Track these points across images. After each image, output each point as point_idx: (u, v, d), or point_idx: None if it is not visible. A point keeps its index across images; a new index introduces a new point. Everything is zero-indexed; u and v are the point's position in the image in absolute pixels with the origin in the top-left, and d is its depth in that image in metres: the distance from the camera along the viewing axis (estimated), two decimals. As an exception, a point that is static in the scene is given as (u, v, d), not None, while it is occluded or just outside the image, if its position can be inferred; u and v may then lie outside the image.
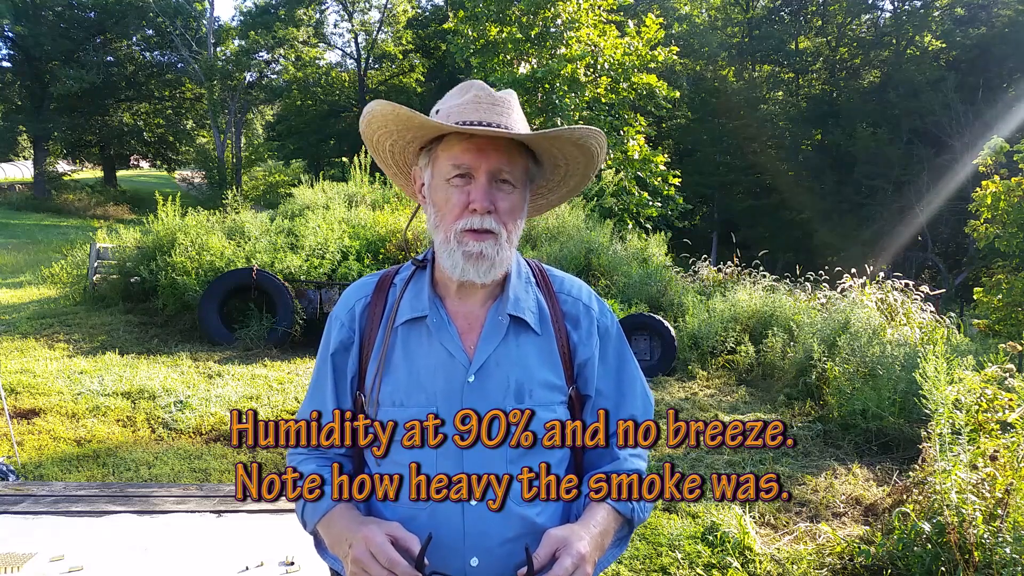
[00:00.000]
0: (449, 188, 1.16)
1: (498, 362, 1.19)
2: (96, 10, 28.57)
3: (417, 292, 1.24)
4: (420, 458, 1.14)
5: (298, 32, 31.54)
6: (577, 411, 1.25)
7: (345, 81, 37.41)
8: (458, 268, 1.16)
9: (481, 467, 1.14)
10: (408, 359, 1.19)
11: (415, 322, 1.21)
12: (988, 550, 2.81)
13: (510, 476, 1.15)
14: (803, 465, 4.64)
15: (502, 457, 1.16)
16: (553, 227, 9.57)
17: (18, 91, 29.50)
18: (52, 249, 14.27)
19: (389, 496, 1.15)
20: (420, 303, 1.22)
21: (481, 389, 1.17)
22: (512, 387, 1.18)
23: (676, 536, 3.55)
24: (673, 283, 8.69)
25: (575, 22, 16.77)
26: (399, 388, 1.18)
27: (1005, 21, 26.31)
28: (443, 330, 1.20)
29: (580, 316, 1.28)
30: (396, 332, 1.21)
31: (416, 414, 1.15)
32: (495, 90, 1.20)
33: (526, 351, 1.21)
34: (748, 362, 6.97)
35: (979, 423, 3.31)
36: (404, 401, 1.17)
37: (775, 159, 29.80)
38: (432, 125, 1.15)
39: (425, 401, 1.17)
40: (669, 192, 16.28)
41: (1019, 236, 8.18)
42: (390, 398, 1.18)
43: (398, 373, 1.19)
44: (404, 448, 1.15)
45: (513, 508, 1.15)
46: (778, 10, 32.77)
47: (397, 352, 1.20)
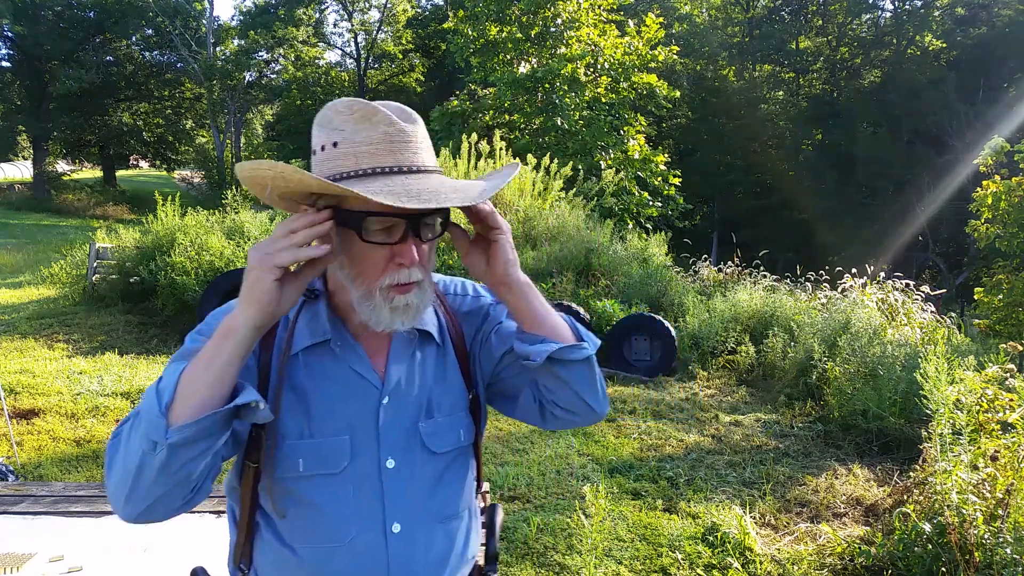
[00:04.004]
0: (362, 242, 1.03)
1: (410, 380, 1.15)
2: (95, 10, 28.55)
3: (313, 316, 1.11)
4: (336, 491, 1.07)
5: (298, 32, 31.53)
6: (478, 416, 1.25)
7: (345, 81, 37.40)
8: (383, 322, 1.06)
9: (402, 490, 1.11)
10: (314, 387, 1.09)
11: (316, 347, 1.10)
12: (989, 550, 2.80)
13: (432, 496, 1.14)
14: (803, 465, 4.64)
15: (424, 476, 1.13)
16: (553, 227, 9.56)
17: (18, 91, 29.49)
18: (52, 249, 14.27)
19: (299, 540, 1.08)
20: (319, 327, 1.11)
21: (396, 410, 1.12)
22: (424, 404, 1.15)
23: (676, 536, 3.54)
24: (673, 283, 8.69)
25: (575, 22, 16.78)
26: (305, 418, 1.08)
27: (1006, 21, 26.30)
28: (351, 352, 1.11)
29: (469, 307, 1.27)
30: (295, 360, 1.09)
31: (330, 444, 1.07)
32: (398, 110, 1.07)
33: (432, 364, 1.19)
34: (748, 362, 6.97)
35: (980, 423, 3.30)
36: (314, 432, 1.07)
37: (776, 159, 29.79)
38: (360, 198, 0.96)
39: (337, 429, 1.08)
40: (669, 192, 16.29)
41: (1020, 236, 8.17)
42: (296, 429, 1.07)
43: (304, 403, 1.08)
44: (318, 482, 1.07)
45: (437, 530, 1.15)
46: (778, 10, 32.76)
47: (299, 380, 1.09)
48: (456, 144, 12.73)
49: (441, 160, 11.11)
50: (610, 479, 4.29)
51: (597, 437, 5.06)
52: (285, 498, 1.07)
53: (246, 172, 1.02)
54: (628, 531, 3.61)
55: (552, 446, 4.78)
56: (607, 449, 4.81)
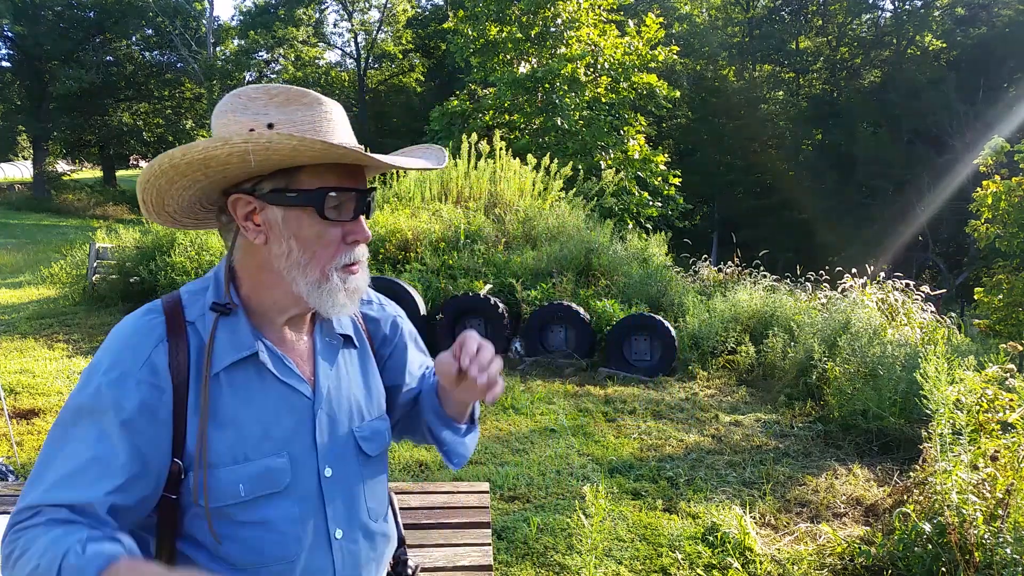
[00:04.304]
0: (322, 222, 1.02)
1: (338, 386, 1.13)
2: (96, 10, 28.56)
3: (232, 330, 1.04)
4: (279, 508, 1.04)
5: (298, 32, 31.56)
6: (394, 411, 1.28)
7: (345, 81, 37.43)
8: (338, 306, 1.05)
9: (341, 497, 1.10)
10: (245, 409, 1.03)
11: (240, 364, 1.04)
12: (989, 550, 2.80)
13: (364, 496, 1.14)
14: (803, 465, 4.64)
15: (357, 478, 1.13)
16: (553, 227, 9.56)
17: (18, 91, 29.51)
18: (52, 249, 14.28)
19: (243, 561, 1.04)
20: (241, 341, 1.04)
21: (330, 419, 1.10)
22: (356, 408, 1.15)
23: (676, 536, 3.54)
24: (673, 283, 8.68)
25: (575, 22, 16.78)
26: (240, 442, 1.02)
27: (1006, 21, 26.30)
28: (278, 364, 1.07)
29: (376, 314, 1.28)
30: (217, 381, 1.02)
31: (269, 464, 1.03)
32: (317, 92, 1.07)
33: (356, 367, 1.18)
34: (748, 362, 6.97)
35: (980, 423, 3.30)
36: (249, 454, 1.02)
37: (776, 159, 29.79)
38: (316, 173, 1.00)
39: (275, 448, 1.04)
40: (669, 192, 16.29)
41: (1020, 236, 8.17)
42: (230, 455, 1.01)
43: (236, 428, 1.02)
44: (261, 503, 1.03)
45: (373, 527, 1.16)
46: (778, 10, 32.76)
47: (225, 402, 1.02)
48: (456, 144, 12.72)
49: (441, 160, 11.09)
50: (610, 479, 4.29)
51: (597, 437, 5.06)
52: (223, 522, 1.01)
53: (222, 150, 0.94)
54: (628, 531, 3.61)
55: (552, 446, 4.78)
56: (607, 449, 4.81)
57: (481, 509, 2.19)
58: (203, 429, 0.99)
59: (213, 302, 1.05)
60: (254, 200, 1.02)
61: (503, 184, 10.54)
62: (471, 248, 8.81)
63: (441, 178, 10.71)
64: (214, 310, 1.04)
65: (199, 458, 0.99)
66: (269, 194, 1.01)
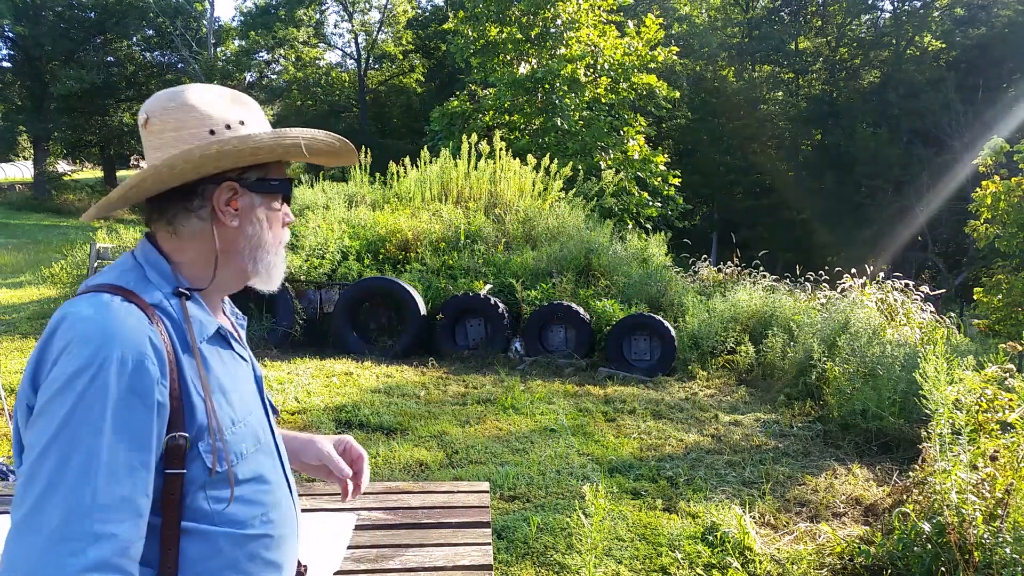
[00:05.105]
0: (273, 207, 1.18)
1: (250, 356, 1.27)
2: (96, 10, 28.58)
3: (198, 309, 1.11)
4: (265, 462, 1.16)
5: (298, 32, 31.58)
6: None
7: (345, 81, 37.43)
8: (276, 280, 1.21)
9: (279, 448, 1.24)
10: (223, 376, 1.11)
11: (212, 338, 1.12)
12: (988, 550, 2.81)
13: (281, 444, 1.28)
14: (803, 465, 4.64)
15: (276, 432, 1.27)
16: (553, 227, 9.57)
17: (18, 91, 29.53)
18: (52, 249, 14.28)
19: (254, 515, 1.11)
20: (207, 319, 1.12)
21: (262, 386, 1.26)
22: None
23: (676, 536, 3.55)
24: (673, 283, 8.69)
25: (575, 22, 16.79)
26: (229, 406, 1.09)
27: (1005, 21, 26.32)
28: (233, 338, 1.19)
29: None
30: (201, 352, 1.07)
31: (253, 425, 1.14)
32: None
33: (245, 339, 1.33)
34: (748, 362, 6.98)
35: (979, 423, 3.31)
36: (237, 417, 1.10)
37: (775, 159, 29.82)
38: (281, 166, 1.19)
39: (250, 409, 1.15)
40: (669, 192, 16.30)
41: (1019, 236, 8.18)
42: (228, 419, 1.08)
43: (222, 392, 1.09)
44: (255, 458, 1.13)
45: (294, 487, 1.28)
46: (778, 10, 32.78)
47: (214, 372, 1.09)
48: (456, 144, 12.75)
49: (441, 160, 11.12)
50: (610, 479, 4.29)
51: (597, 437, 5.07)
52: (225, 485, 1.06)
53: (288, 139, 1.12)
54: (628, 531, 3.62)
55: (552, 446, 4.79)
56: (607, 449, 4.82)
57: (481, 509, 2.19)
58: (208, 396, 1.05)
59: (175, 288, 1.09)
60: (238, 187, 1.12)
61: (503, 184, 10.55)
62: (471, 248, 8.82)
63: (441, 178, 10.72)
64: (177, 295, 1.09)
65: (212, 424, 1.04)
66: (255, 183, 1.14)
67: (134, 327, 0.98)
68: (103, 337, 0.95)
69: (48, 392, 0.92)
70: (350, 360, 6.94)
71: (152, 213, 1.13)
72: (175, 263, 1.12)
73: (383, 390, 6.00)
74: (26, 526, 0.87)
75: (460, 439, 4.82)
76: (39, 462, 0.89)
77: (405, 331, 7.41)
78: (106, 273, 1.09)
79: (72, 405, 0.91)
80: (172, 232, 1.12)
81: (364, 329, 7.69)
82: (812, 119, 29.59)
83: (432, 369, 6.95)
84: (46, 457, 0.89)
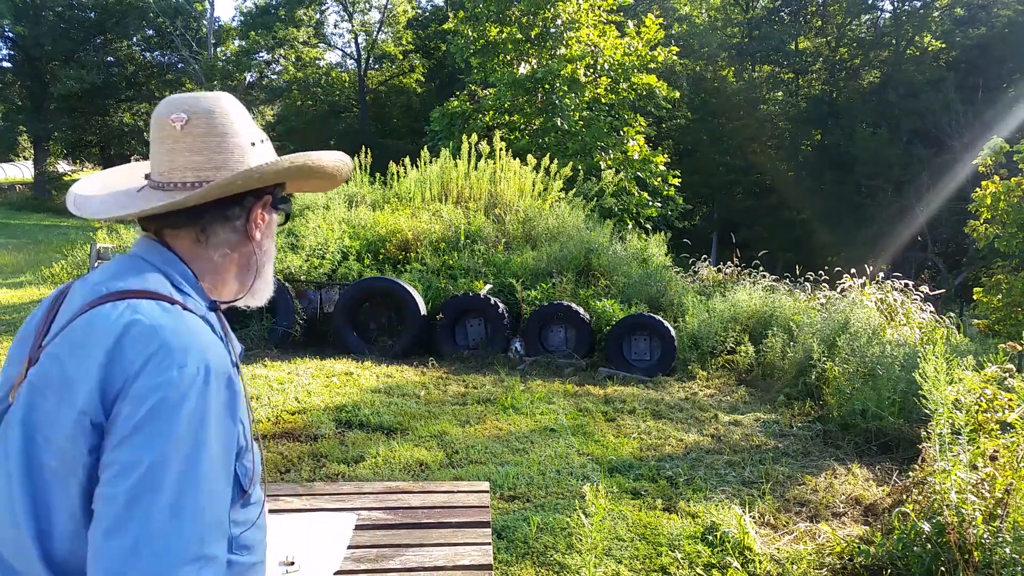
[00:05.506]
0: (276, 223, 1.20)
1: None
2: (96, 10, 28.59)
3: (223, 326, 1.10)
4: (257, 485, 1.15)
5: (298, 32, 31.59)
6: None
7: (345, 81, 37.43)
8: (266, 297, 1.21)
9: None
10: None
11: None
12: (988, 550, 2.81)
13: None
14: (803, 465, 4.65)
15: None
16: (553, 227, 9.57)
17: (18, 91, 29.54)
18: (52, 249, 14.28)
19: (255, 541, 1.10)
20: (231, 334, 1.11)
21: None
22: None
23: (676, 536, 3.55)
24: (673, 283, 8.70)
25: (575, 22, 16.79)
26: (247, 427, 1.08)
27: (1005, 21, 26.32)
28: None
29: None
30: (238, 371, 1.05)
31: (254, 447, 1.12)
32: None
33: None
34: (748, 362, 6.98)
35: (979, 423, 3.31)
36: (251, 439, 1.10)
37: (775, 159, 29.82)
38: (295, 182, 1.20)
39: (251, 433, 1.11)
40: (669, 192, 16.30)
41: (1019, 236, 8.19)
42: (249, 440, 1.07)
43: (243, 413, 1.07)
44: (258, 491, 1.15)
45: None
46: (778, 10, 32.78)
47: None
48: (456, 145, 12.74)
49: (441, 160, 11.13)
50: (610, 479, 4.29)
51: (597, 437, 5.07)
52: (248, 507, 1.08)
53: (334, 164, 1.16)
54: (628, 530, 3.62)
55: (552, 446, 4.79)
56: (607, 449, 4.82)
57: (481, 508, 2.19)
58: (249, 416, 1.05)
59: (212, 301, 1.09)
60: (270, 202, 1.15)
61: (503, 184, 10.56)
62: (471, 248, 8.82)
63: (441, 178, 10.72)
64: (212, 309, 1.07)
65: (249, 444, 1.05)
66: (282, 198, 1.17)
67: (214, 340, 0.94)
68: (195, 348, 0.89)
69: (142, 404, 0.84)
70: (350, 360, 6.94)
71: (181, 218, 1.04)
72: (197, 274, 1.07)
73: (383, 390, 6.00)
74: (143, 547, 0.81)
75: (460, 439, 4.82)
76: (149, 480, 0.82)
77: (405, 331, 7.41)
78: (125, 278, 0.97)
79: (179, 420, 0.85)
80: (201, 240, 1.06)
81: (364, 329, 7.70)
82: (812, 119, 29.60)
83: (432, 369, 6.95)
84: (159, 474, 0.83)
